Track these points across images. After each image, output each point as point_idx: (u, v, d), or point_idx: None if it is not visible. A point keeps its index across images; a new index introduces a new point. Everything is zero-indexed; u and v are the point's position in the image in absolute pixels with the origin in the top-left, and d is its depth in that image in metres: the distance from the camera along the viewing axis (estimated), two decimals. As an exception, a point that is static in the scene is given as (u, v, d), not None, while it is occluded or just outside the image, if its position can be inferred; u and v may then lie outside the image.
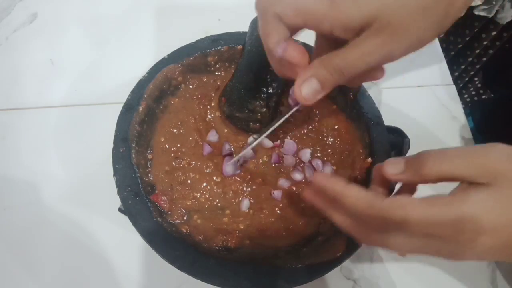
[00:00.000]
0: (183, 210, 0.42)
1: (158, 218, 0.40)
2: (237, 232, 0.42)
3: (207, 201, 0.43)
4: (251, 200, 0.43)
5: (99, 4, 0.66)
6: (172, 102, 0.47)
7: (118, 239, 0.47)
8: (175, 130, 0.46)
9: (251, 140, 0.46)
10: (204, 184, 0.43)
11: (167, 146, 0.45)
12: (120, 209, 0.42)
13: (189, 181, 0.44)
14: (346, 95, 0.47)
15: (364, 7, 0.27)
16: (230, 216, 0.43)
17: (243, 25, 0.47)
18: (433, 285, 0.47)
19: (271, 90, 0.42)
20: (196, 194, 0.43)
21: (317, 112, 0.48)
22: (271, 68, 0.41)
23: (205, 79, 0.49)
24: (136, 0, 0.67)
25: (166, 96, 0.47)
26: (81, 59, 0.61)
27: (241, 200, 0.43)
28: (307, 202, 0.34)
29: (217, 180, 0.44)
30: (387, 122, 0.46)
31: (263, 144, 0.46)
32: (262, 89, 0.42)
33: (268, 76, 0.41)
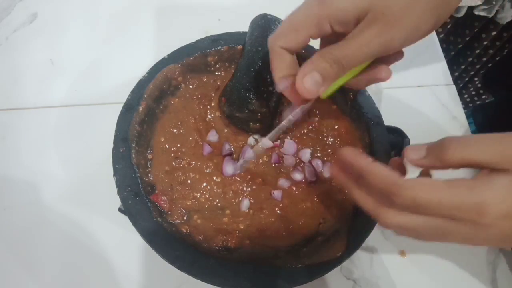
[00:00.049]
0: (183, 210, 0.42)
1: (158, 218, 0.40)
2: (237, 232, 0.42)
3: (207, 201, 0.43)
4: (251, 200, 0.43)
5: (99, 4, 0.66)
6: (172, 102, 0.47)
7: (118, 239, 0.47)
8: (175, 130, 0.46)
9: (251, 140, 0.46)
10: (204, 184, 0.43)
11: (167, 146, 0.45)
12: (120, 209, 0.42)
13: (189, 181, 0.44)
14: (346, 95, 0.47)
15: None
16: (230, 216, 0.43)
17: (243, 25, 0.47)
18: (433, 285, 0.47)
19: (271, 90, 0.42)
20: (196, 194, 0.43)
21: (317, 112, 0.48)
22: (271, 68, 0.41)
23: (205, 79, 0.49)
24: (136, 0, 0.67)
25: (166, 96, 0.47)
26: (81, 59, 0.61)
27: (241, 200, 0.43)
28: (333, 176, 0.34)
29: (217, 180, 0.44)
30: (387, 122, 0.46)
31: (262, 144, 0.46)
32: (262, 89, 0.42)
33: (268, 76, 0.41)
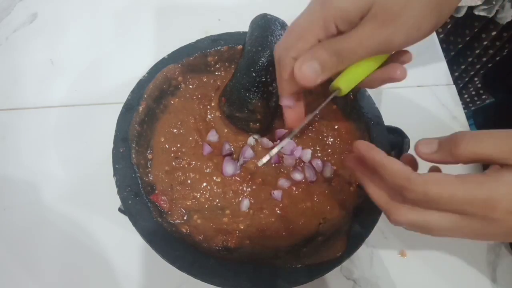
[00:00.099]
0: (183, 210, 0.42)
1: (158, 218, 0.40)
2: (237, 232, 0.42)
3: (207, 201, 0.43)
4: (251, 200, 0.43)
5: (99, 4, 0.66)
6: (172, 102, 0.47)
7: (118, 239, 0.47)
8: (175, 130, 0.46)
9: (251, 140, 0.46)
10: (204, 184, 0.43)
11: (167, 146, 0.45)
12: (120, 209, 0.42)
13: (189, 181, 0.44)
14: (346, 95, 0.47)
15: None
16: (230, 216, 0.43)
17: (243, 25, 0.47)
18: (433, 284, 0.47)
19: (271, 90, 0.42)
20: (196, 194, 0.43)
21: (317, 112, 0.48)
22: (271, 68, 0.41)
23: (205, 79, 0.49)
24: (136, 0, 0.67)
25: (166, 96, 0.47)
26: (81, 59, 0.61)
27: (241, 200, 0.43)
28: (349, 168, 0.35)
29: (217, 180, 0.44)
30: (387, 122, 0.46)
31: (262, 144, 0.46)
32: (262, 89, 0.42)
33: (268, 76, 0.41)
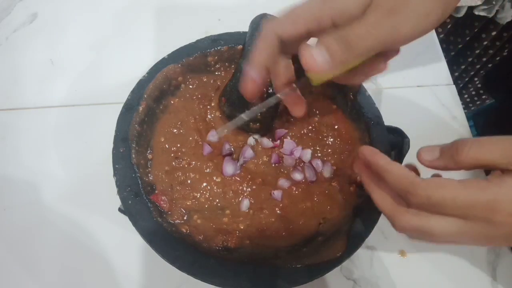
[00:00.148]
0: (183, 210, 0.42)
1: (158, 218, 0.40)
2: (237, 232, 0.42)
3: (207, 201, 0.43)
4: (251, 200, 0.43)
5: (99, 4, 0.66)
6: (172, 102, 0.47)
7: (118, 239, 0.47)
8: (175, 130, 0.46)
9: (251, 140, 0.46)
10: (204, 184, 0.43)
11: (167, 146, 0.45)
12: (120, 209, 0.42)
13: (189, 181, 0.44)
14: (346, 95, 0.47)
15: None
16: (230, 216, 0.43)
17: (243, 25, 0.47)
18: (433, 285, 0.47)
19: (271, 90, 0.42)
20: (196, 194, 0.43)
21: (317, 112, 0.48)
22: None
23: (205, 79, 0.49)
24: (136, 0, 0.67)
25: (166, 96, 0.47)
26: (81, 59, 0.61)
27: (241, 200, 0.43)
28: (356, 172, 0.35)
29: (217, 180, 0.44)
30: (387, 122, 0.46)
31: (262, 144, 0.46)
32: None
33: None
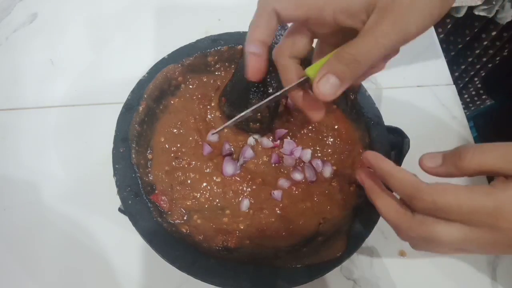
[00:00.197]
0: (183, 210, 0.42)
1: (158, 218, 0.40)
2: (237, 232, 0.42)
3: (207, 201, 0.43)
4: (251, 200, 0.43)
5: (99, 4, 0.66)
6: (172, 102, 0.47)
7: (118, 239, 0.47)
8: (175, 130, 0.46)
9: (251, 140, 0.46)
10: (204, 184, 0.43)
11: (167, 146, 0.45)
12: (120, 209, 0.42)
13: (189, 181, 0.44)
14: (346, 95, 0.47)
15: None
16: (230, 216, 0.43)
17: (243, 25, 0.47)
18: (433, 285, 0.47)
19: (271, 90, 0.42)
20: (196, 194, 0.43)
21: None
22: (271, 68, 0.41)
23: (205, 79, 0.49)
24: (136, 0, 0.67)
25: (166, 96, 0.47)
26: (81, 59, 0.61)
27: (241, 200, 0.43)
28: (359, 180, 0.34)
29: (217, 180, 0.44)
30: (387, 122, 0.46)
31: (262, 144, 0.46)
32: (262, 89, 0.42)
33: (268, 76, 0.41)
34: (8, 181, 0.51)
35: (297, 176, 0.45)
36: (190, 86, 0.48)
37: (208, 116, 0.47)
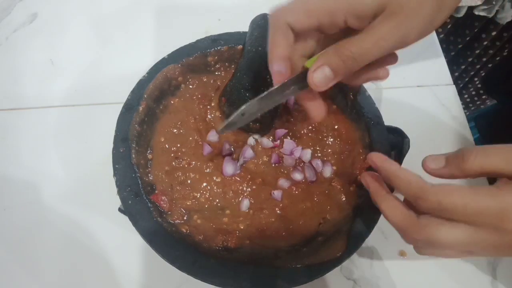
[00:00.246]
0: (183, 210, 0.42)
1: (158, 218, 0.40)
2: (237, 232, 0.42)
3: (207, 201, 0.43)
4: (251, 200, 0.43)
5: (99, 4, 0.66)
6: (172, 102, 0.47)
7: (118, 239, 0.47)
8: (175, 130, 0.46)
9: (251, 140, 0.46)
10: (204, 184, 0.43)
11: (167, 146, 0.45)
12: (120, 209, 0.42)
13: (189, 181, 0.44)
14: (346, 95, 0.47)
15: None
16: (230, 216, 0.43)
17: (243, 25, 0.47)
18: (433, 285, 0.47)
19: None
20: (196, 194, 0.43)
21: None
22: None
23: (205, 79, 0.49)
24: (136, 0, 0.67)
25: (166, 96, 0.47)
26: (81, 59, 0.61)
27: (241, 200, 0.43)
28: (365, 185, 0.35)
29: (217, 180, 0.44)
30: (387, 122, 0.46)
31: (262, 144, 0.46)
32: (262, 89, 0.42)
33: (268, 76, 0.41)
34: (8, 181, 0.51)
35: (297, 176, 0.45)
36: (190, 86, 0.48)
37: (208, 116, 0.47)
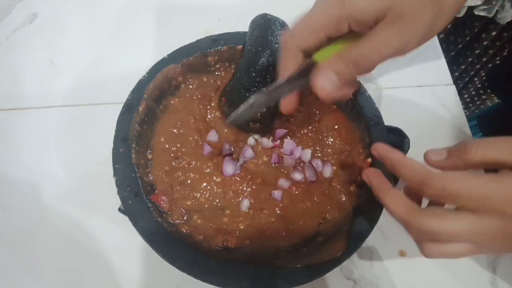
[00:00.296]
0: (183, 210, 0.42)
1: (158, 218, 0.40)
2: (237, 232, 0.42)
3: (207, 201, 0.43)
4: (251, 200, 0.43)
5: (99, 4, 0.66)
6: (172, 102, 0.47)
7: (118, 239, 0.47)
8: (175, 130, 0.46)
9: (251, 140, 0.46)
10: (204, 184, 0.43)
11: (167, 146, 0.45)
12: (120, 209, 0.42)
13: (189, 181, 0.44)
14: (346, 95, 0.47)
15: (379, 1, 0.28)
16: (230, 216, 0.43)
17: (243, 25, 0.47)
18: (433, 285, 0.47)
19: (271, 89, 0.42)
20: (196, 194, 0.43)
21: (317, 112, 0.48)
22: (271, 68, 0.41)
23: (205, 79, 0.49)
24: (136, 0, 0.67)
25: (166, 96, 0.47)
26: (81, 59, 0.61)
27: (241, 200, 0.43)
28: (365, 179, 0.35)
29: (217, 180, 0.44)
30: (387, 122, 0.46)
31: (262, 144, 0.46)
32: (262, 89, 0.42)
33: (268, 76, 0.41)
34: (8, 181, 0.51)
35: (297, 176, 0.45)
36: (190, 86, 0.48)
37: (208, 116, 0.47)
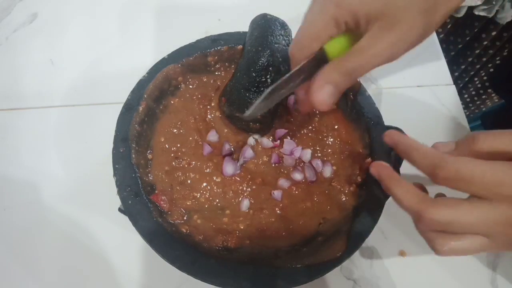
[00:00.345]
0: (183, 210, 0.42)
1: (158, 218, 0.40)
2: (237, 232, 0.42)
3: (207, 201, 0.43)
4: (251, 200, 0.43)
5: (99, 4, 0.66)
6: (172, 102, 0.47)
7: (118, 239, 0.47)
8: (175, 130, 0.46)
9: (251, 140, 0.46)
10: (204, 184, 0.43)
11: (167, 146, 0.45)
12: (120, 209, 0.42)
13: (189, 181, 0.44)
14: (346, 95, 0.47)
15: (371, 3, 0.30)
16: (230, 216, 0.43)
17: (243, 25, 0.47)
18: (433, 285, 0.47)
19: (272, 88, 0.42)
20: (196, 194, 0.43)
21: (317, 112, 0.48)
22: (271, 68, 0.41)
23: (205, 79, 0.49)
24: (136, 0, 0.67)
25: (166, 96, 0.47)
26: (81, 59, 0.61)
27: (241, 200, 0.43)
28: (374, 174, 0.35)
29: (217, 180, 0.44)
30: (387, 122, 0.46)
31: (262, 144, 0.46)
32: (262, 89, 0.42)
33: (268, 76, 0.41)
34: (8, 181, 0.51)
35: (297, 176, 0.45)
36: (190, 86, 0.48)
37: (208, 116, 0.47)
